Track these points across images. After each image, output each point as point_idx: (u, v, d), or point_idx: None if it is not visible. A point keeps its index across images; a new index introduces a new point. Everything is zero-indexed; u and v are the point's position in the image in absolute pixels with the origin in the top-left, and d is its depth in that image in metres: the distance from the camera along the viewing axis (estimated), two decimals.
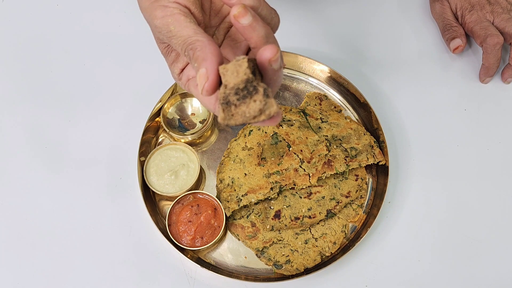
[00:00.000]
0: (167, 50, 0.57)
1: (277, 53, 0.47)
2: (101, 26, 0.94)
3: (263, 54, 0.47)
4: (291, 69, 0.90)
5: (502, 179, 0.85)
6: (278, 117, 0.48)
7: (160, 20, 0.51)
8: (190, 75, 0.56)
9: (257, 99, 0.46)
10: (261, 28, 0.48)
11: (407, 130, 0.87)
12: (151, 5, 0.52)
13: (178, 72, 0.57)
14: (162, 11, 0.51)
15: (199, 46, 0.49)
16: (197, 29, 0.50)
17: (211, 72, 0.47)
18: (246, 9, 0.47)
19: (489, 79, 0.90)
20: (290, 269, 0.77)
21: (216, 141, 0.86)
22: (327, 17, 0.95)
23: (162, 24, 0.51)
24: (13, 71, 0.90)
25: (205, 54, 0.48)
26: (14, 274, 0.78)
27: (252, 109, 0.46)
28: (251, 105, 0.46)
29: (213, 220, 0.78)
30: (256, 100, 0.46)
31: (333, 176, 0.81)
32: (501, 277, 0.79)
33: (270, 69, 0.48)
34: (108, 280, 0.78)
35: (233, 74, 0.46)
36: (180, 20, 0.51)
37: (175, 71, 0.57)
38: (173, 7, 0.51)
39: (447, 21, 0.91)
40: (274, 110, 0.46)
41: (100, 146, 0.85)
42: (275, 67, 0.48)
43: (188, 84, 0.56)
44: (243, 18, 0.47)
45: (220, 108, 0.47)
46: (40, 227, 0.80)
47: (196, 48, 0.49)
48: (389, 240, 0.81)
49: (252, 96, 0.46)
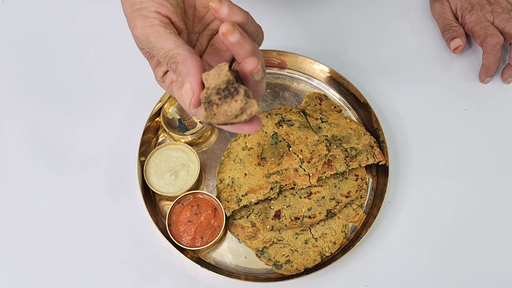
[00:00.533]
0: (149, 55, 0.58)
1: (258, 65, 0.49)
2: (101, 26, 0.94)
3: (245, 66, 0.49)
4: (291, 69, 0.90)
5: (502, 179, 0.85)
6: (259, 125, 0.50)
7: (140, 30, 0.52)
8: (173, 78, 0.56)
9: (238, 98, 0.48)
10: (248, 45, 0.50)
11: (407, 130, 0.87)
12: (132, 13, 0.53)
13: (161, 75, 0.57)
14: (142, 21, 0.52)
15: (180, 60, 0.50)
16: (177, 41, 0.51)
17: (195, 86, 0.49)
18: (234, 27, 0.49)
19: (489, 79, 0.90)
20: (290, 269, 0.77)
21: (216, 141, 0.86)
22: (327, 17, 0.95)
23: (142, 34, 0.52)
24: (13, 71, 0.90)
25: (187, 68, 0.49)
26: (14, 274, 0.78)
27: (234, 108, 0.48)
28: (232, 104, 0.48)
29: (213, 220, 0.78)
30: (237, 100, 0.48)
31: (333, 176, 0.81)
32: (501, 277, 0.79)
33: (252, 80, 0.50)
34: (108, 280, 0.78)
35: (214, 77, 0.48)
36: (160, 31, 0.51)
37: (159, 74, 0.57)
38: (153, 17, 0.52)
39: (447, 21, 0.91)
40: (255, 109, 0.48)
41: (100, 146, 0.85)
42: (257, 78, 0.50)
43: (171, 86, 0.57)
44: (231, 36, 0.49)
45: (202, 107, 0.49)
46: (40, 227, 0.81)
47: (178, 62, 0.50)
48: (389, 240, 0.81)
49: (233, 96, 0.48)
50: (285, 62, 0.89)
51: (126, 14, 0.53)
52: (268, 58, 0.89)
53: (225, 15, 0.50)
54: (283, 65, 0.90)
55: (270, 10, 0.96)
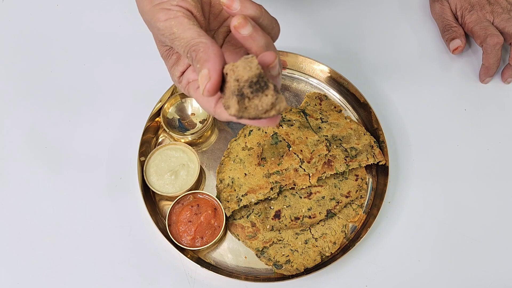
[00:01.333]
0: (168, 53, 0.57)
1: (275, 60, 0.48)
2: (101, 26, 0.94)
3: (262, 60, 0.48)
4: (291, 69, 0.90)
5: (502, 179, 0.85)
6: (278, 118, 0.50)
7: (163, 22, 0.51)
8: (190, 78, 0.56)
9: (268, 93, 0.47)
10: (261, 38, 0.50)
11: (407, 130, 0.87)
12: (153, 8, 0.52)
13: (178, 75, 0.57)
14: (165, 14, 0.51)
15: (202, 47, 0.49)
16: (200, 32, 0.51)
17: (213, 72, 0.48)
18: (246, 20, 0.48)
19: (489, 79, 0.90)
20: (290, 269, 0.77)
21: (216, 141, 0.86)
22: (328, 17, 0.95)
23: (165, 26, 0.51)
24: (13, 71, 0.90)
25: (207, 55, 0.49)
26: (14, 274, 0.78)
27: (265, 103, 0.47)
28: (263, 99, 0.47)
29: (213, 220, 0.78)
30: (268, 95, 0.47)
31: (333, 176, 0.81)
32: (501, 277, 0.79)
33: (269, 75, 0.50)
34: (108, 280, 0.78)
35: (245, 69, 0.47)
36: (184, 22, 0.51)
37: (176, 74, 0.57)
38: (176, 10, 0.52)
39: (447, 21, 0.91)
40: (283, 106, 0.47)
41: (100, 146, 0.85)
42: (273, 73, 0.50)
43: (188, 87, 0.56)
44: (243, 29, 0.48)
45: (234, 100, 0.48)
46: (40, 227, 0.80)
47: (199, 50, 0.49)
48: (389, 240, 0.81)
49: (264, 91, 0.47)
50: (285, 62, 0.89)
51: (146, 10, 0.53)
52: None
53: (237, 10, 0.50)
54: (283, 65, 0.90)
55: (269, 10, 0.95)
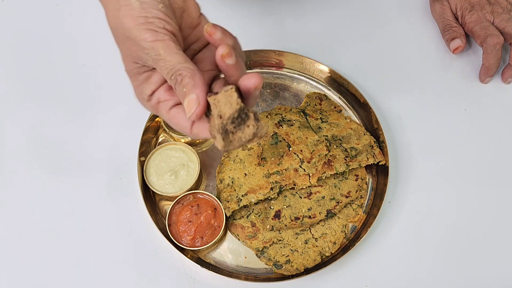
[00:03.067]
0: (139, 70, 0.57)
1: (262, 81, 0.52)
2: (101, 26, 0.93)
3: (249, 82, 0.51)
4: (291, 69, 0.90)
5: (502, 179, 0.85)
6: None
7: (150, 43, 0.53)
8: (161, 97, 0.57)
9: (250, 124, 0.50)
10: (242, 67, 0.53)
11: (407, 130, 0.87)
12: (138, 26, 0.53)
13: (149, 93, 0.57)
14: (153, 35, 0.53)
15: (189, 73, 0.52)
16: (186, 57, 0.53)
17: (202, 99, 0.51)
18: (232, 50, 0.51)
19: (489, 79, 0.90)
20: (290, 269, 0.77)
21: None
22: (327, 17, 0.95)
23: (152, 47, 0.53)
24: (13, 71, 0.90)
25: (195, 81, 0.51)
26: (14, 274, 0.78)
27: (247, 134, 0.50)
28: (245, 131, 0.50)
29: (213, 220, 0.78)
30: (249, 125, 0.50)
31: (333, 176, 0.81)
32: (501, 277, 0.79)
33: (253, 94, 0.52)
34: (108, 280, 0.78)
35: (226, 105, 0.50)
36: (171, 46, 0.53)
37: (146, 92, 0.57)
38: (164, 33, 0.53)
39: (447, 21, 0.91)
40: (265, 131, 0.51)
41: (100, 146, 0.85)
42: (257, 93, 0.53)
43: (159, 106, 0.57)
44: (229, 58, 0.51)
45: (220, 138, 0.51)
46: (40, 227, 0.80)
47: (186, 75, 0.52)
48: (389, 240, 0.81)
49: (245, 122, 0.50)
50: (285, 62, 0.89)
51: (128, 27, 0.54)
52: (267, 58, 0.89)
53: (219, 38, 0.53)
54: (283, 65, 0.90)
55: (270, 10, 0.96)
